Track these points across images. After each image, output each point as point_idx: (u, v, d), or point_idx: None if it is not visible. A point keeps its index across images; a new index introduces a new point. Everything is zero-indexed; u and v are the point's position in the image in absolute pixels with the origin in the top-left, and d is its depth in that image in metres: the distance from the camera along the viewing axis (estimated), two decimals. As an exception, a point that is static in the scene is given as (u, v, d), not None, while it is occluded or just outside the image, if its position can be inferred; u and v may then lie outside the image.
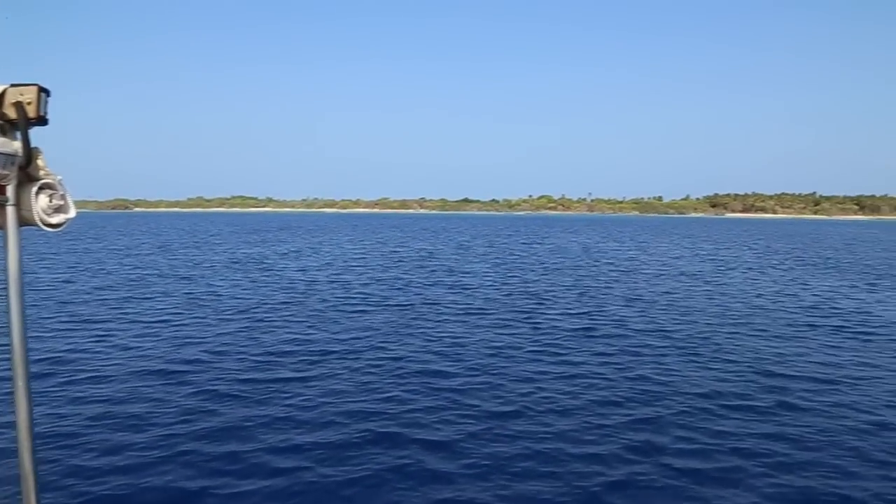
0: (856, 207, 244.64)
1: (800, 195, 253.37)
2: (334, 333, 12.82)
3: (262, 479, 6.02)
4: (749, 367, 10.46)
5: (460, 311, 15.68)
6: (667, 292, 19.77)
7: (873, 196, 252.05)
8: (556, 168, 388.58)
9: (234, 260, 29.96)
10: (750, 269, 28.67)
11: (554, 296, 18.65)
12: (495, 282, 21.85)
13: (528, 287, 20.53)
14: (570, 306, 16.68)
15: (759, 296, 19.41)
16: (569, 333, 13.09)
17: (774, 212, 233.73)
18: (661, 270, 27.13)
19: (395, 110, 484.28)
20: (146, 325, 13.55)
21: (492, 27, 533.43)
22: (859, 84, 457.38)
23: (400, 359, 10.69)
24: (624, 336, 12.87)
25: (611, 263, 30.03)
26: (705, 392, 8.97)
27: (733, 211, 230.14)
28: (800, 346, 12.14)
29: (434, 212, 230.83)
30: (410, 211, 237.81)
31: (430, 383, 9.24)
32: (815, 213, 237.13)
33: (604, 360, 10.82)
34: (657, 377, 9.71)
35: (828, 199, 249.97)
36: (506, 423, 7.67)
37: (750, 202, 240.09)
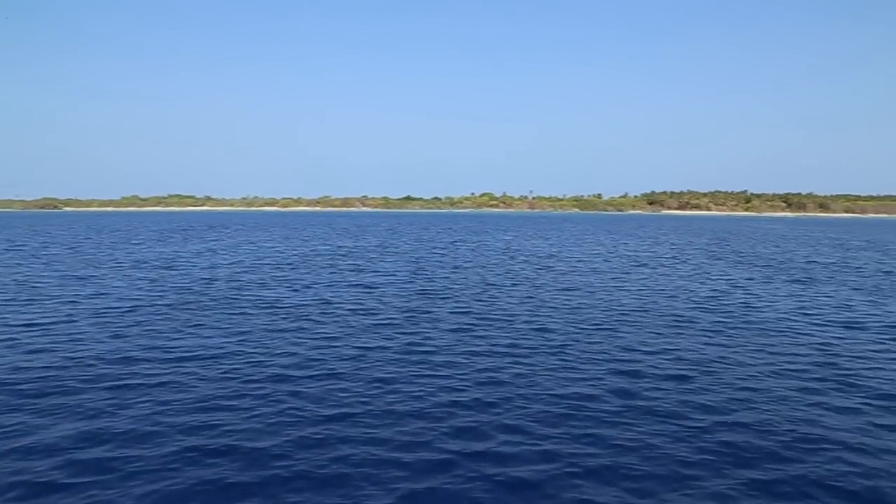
0: (783, 205, 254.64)
1: (732, 193, 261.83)
2: (205, 338, 12.30)
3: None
4: (607, 365, 10.49)
5: (347, 312, 15.33)
6: (567, 289, 19.89)
7: (799, 194, 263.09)
8: (498, 166, 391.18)
9: (142, 260, 28.83)
10: (661, 265, 29.26)
11: (451, 294, 18.50)
12: (398, 281, 21.58)
13: (430, 286, 20.32)
14: (461, 305, 16.53)
15: (656, 291, 19.73)
16: (445, 332, 12.93)
17: (708, 209, 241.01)
18: (573, 267, 27.38)
19: (337, 108, 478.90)
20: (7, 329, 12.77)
21: (430, 25, 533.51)
22: (786, 88, 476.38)
23: (259, 364, 10.31)
24: (496, 335, 12.74)
25: (526, 261, 30.17)
26: (554, 393, 8.91)
27: (669, 208, 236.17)
28: (668, 343, 12.30)
29: (377, 210, 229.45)
30: (352, 209, 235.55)
31: (269, 390, 8.89)
32: (746, 209, 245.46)
33: (468, 359, 10.68)
34: (507, 377, 9.61)
35: (758, 196, 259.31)
36: (331, 426, 7.41)
37: (685, 199, 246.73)
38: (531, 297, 18.02)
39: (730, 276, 24.61)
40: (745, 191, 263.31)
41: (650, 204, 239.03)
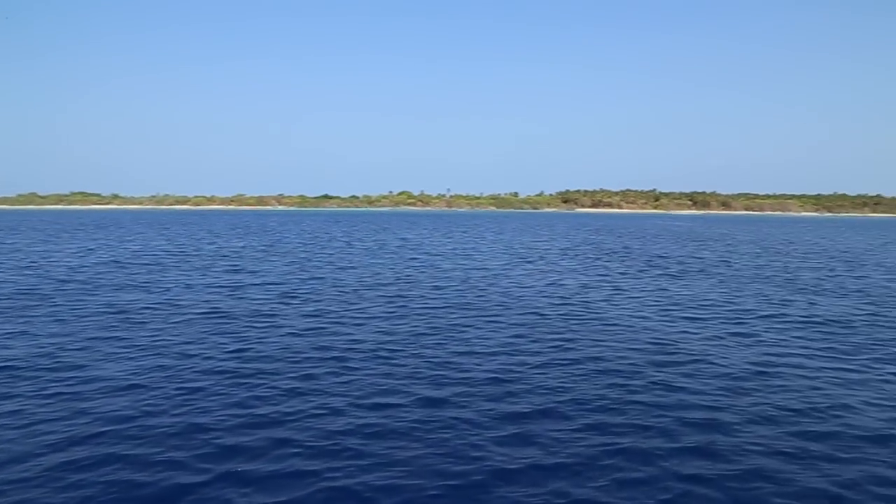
0: (689, 203, 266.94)
1: (642, 192, 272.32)
2: None
3: None
4: (434, 361, 10.35)
5: (198, 315, 14.61)
6: (437, 287, 19.82)
7: (704, 193, 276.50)
8: (418, 164, 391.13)
9: None
10: (543, 260, 29.75)
11: (312, 295, 18.02)
12: (268, 282, 20.87)
13: (293, 288, 19.70)
14: (315, 307, 16.08)
15: (526, 287, 19.93)
16: (282, 336, 12.48)
17: (620, 206, 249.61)
18: (457, 265, 27.40)
19: (256, 104, 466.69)
20: None
21: (348, 23, 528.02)
22: (690, 91, 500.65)
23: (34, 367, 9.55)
24: (332, 339, 12.41)
25: (414, 259, 29.97)
26: (351, 391, 8.65)
27: (583, 206, 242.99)
28: (507, 337, 12.32)
29: (292, 208, 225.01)
30: (268, 207, 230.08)
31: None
32: (655, 207, 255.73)
33: (289, 365, 10.28)
34: (322, 385, 9.29)
35: (666, 195, 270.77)
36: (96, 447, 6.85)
37: (598, 198, 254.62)
38: (398, 296, 17.79)
39: (604, 270, 25.23)
40: (655, 189, 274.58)
41: (565, 202, 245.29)
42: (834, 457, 6.76)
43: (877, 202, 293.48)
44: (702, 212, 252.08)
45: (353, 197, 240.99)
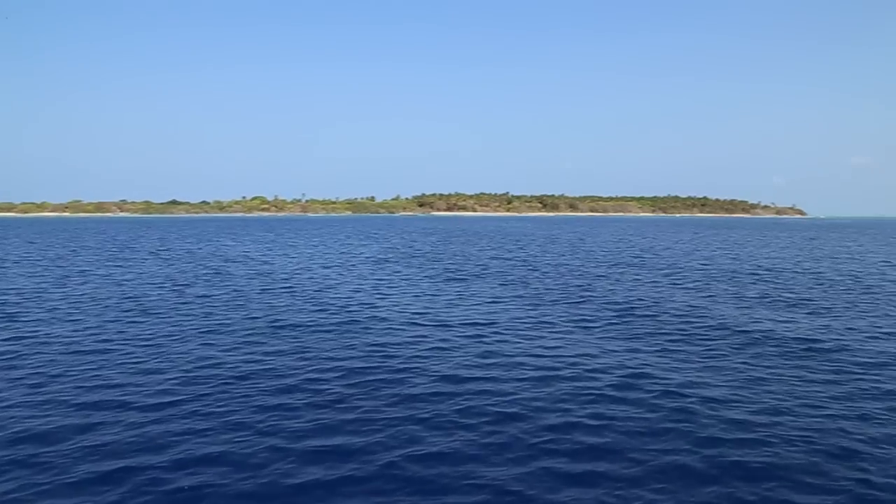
0: (539, 205, 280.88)
1: (496, 195, 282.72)
2: None
3: None
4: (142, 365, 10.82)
5: None
6: (204, 294, 20.08)
7: (553, 195, 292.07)
8: (273, 168, 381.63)
9: None
10: (340, 264, 30.73)
11: (83, 304, 17.81)
12: (39, 292, 20.21)
13: (68, 299, 19.23)
14: (73, 315, 15.97)
15: (299, 295, 20.62)
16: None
17: (474, 210, 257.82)
18: (255, 271, 27.71)
19: (92, 103, 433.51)
20: None
21: (193, 24, 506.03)
22: (538, 96, 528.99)
23: None
24: (73, 341, 12.57)
25: (212, 270, 29.80)
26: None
27: (438, 210, 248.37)
28: (249, 345, 12.98)
29: (136, 215, 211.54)
30: (108, 214, 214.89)
31: None
32: (508, 210, 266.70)
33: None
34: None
35: (518, 198, 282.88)
36: None
37: (453, 201, 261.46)
38: (164, 302, 17.92)
39: (393, 274, 26.58)
40: (507, 193, 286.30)
41: (420, 206, 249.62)
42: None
43: (703, 203, 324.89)
44: (551, 213, 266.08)
45: (204, 202, 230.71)
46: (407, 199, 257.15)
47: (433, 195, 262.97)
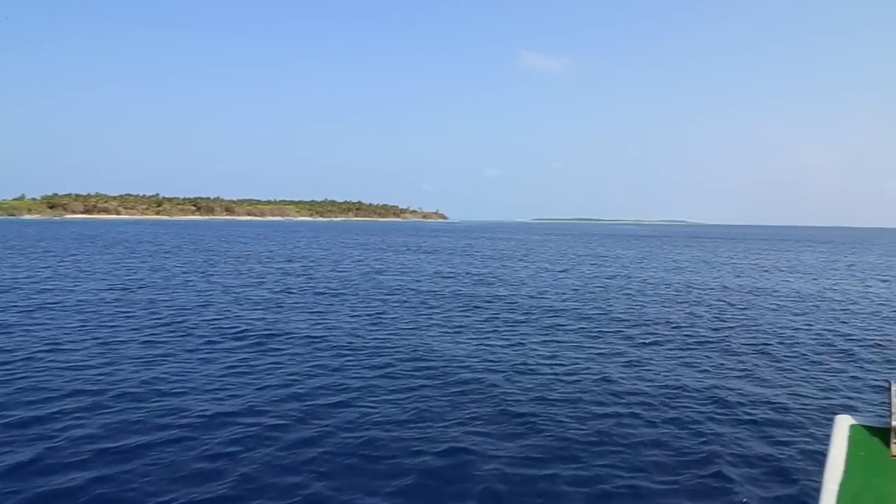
0: (193, 208, 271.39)
1: (143, 196, 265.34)
2: None
3: None
4: None
5: None
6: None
7: (208, 198, 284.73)
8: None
9: None
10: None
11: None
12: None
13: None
14: None
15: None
16: None
17: (118, 212, 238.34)
18: None
19: None
20: None
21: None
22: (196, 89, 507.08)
23: None
24: None
25: None
26: None
27: (75, 212, 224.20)
28: None
29: None
30: None
31: None
32: (158, 213, 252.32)
33: None
34: None
35: (169, 200, 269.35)
36: None
37: (93, 203, 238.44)
38: None
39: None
40: (158, 194, 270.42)
41: (51, 207, 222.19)
42: None
43: (358, 208, 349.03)
44: (207, 217, 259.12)
45: None
46: (34, 199, 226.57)
47: (68, 195, 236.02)
